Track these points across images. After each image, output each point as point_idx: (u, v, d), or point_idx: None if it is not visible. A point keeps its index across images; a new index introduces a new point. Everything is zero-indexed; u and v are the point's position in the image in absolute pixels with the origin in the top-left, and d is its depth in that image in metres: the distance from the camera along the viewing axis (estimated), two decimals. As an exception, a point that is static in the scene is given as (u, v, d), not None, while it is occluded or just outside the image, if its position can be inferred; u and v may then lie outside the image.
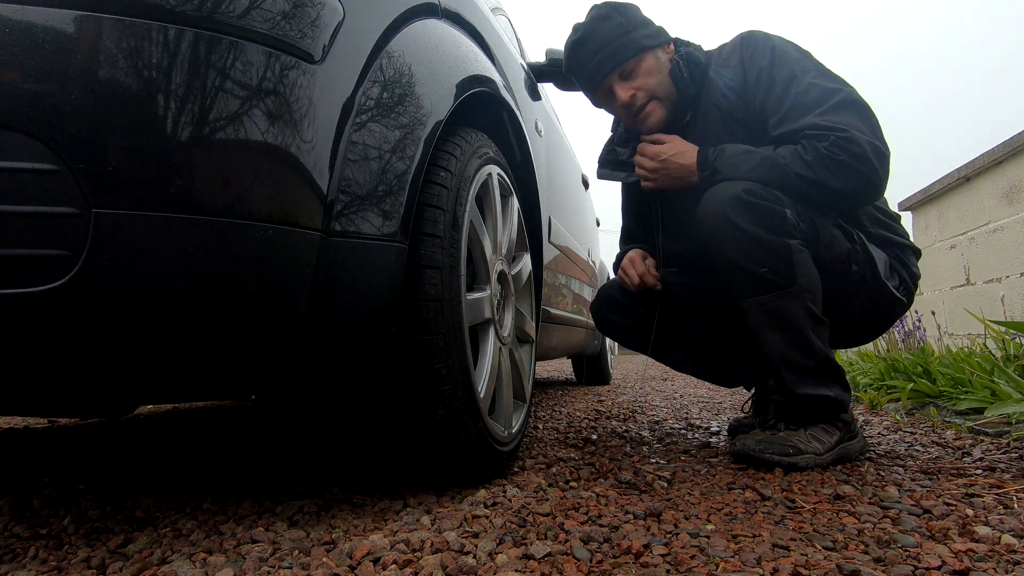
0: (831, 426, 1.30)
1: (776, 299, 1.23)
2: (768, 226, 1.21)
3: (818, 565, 0.68)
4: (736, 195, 1.22)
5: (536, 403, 2.49)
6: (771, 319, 1.25)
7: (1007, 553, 0.71)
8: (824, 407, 1.28)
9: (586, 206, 2.80)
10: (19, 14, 0.55)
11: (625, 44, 1.36)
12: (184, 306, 0.62)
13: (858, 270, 1.31)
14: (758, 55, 1.33)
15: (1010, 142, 2.49)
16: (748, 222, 1.21)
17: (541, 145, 1.70)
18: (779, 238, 1.22)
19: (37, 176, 0.54)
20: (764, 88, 1.31)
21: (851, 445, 1.31)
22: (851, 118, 1.22)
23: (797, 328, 1.23)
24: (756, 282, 1.24)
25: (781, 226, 1.22)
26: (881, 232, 1.41)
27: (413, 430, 0.92)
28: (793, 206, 1.24)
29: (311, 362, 0.75)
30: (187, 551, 0.74)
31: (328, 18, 0.72)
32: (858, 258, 1.31)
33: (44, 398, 0.73)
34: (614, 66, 1.36)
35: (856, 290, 1.33)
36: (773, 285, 1.22)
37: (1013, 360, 1.95)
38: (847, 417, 1.31)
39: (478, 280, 1.08)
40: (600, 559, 0.71)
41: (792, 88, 1.27)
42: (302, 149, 0.68)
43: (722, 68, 1.38)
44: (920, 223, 3.39)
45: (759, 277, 1.23)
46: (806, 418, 1.29)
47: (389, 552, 0.71)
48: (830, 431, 1.30)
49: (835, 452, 1.29)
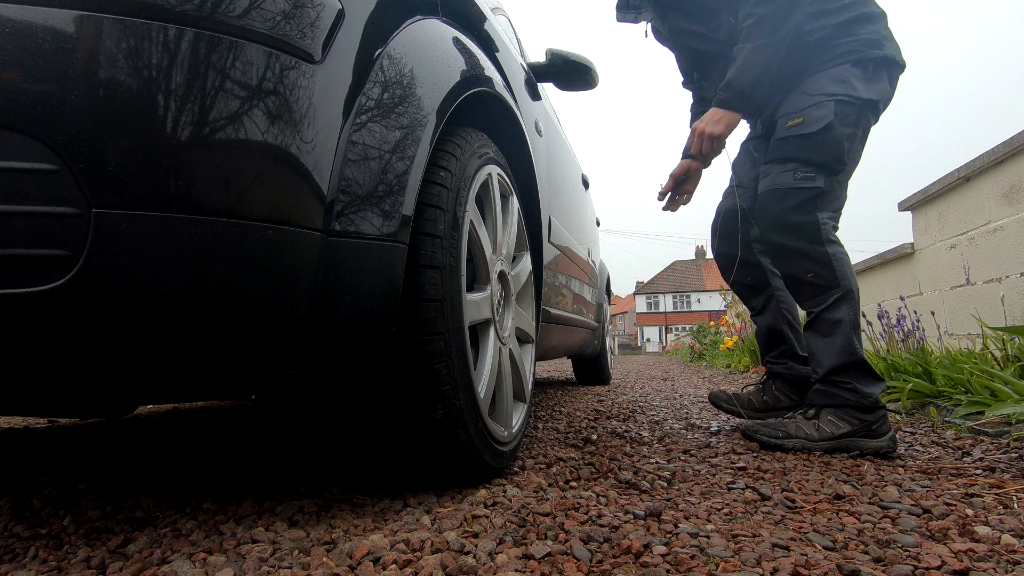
0: (842, 418, 1.34)
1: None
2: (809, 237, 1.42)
3: (818, 565, 0.68)
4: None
5: (536, 403, 2.49)
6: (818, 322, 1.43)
7: (1007, 553, 0.71)
8: (841, 398, 1.37)
9: (586, 206, 2.80)
10: (19, 14, 0.55)
11: None
12: (184, 306, 0.62)
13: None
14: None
15: (1010, 142, 2.49)
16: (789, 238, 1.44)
17: (541, 145, 1.70)
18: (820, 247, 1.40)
19: (37, 176, 0.54)
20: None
21: (863, 442, 1.33)
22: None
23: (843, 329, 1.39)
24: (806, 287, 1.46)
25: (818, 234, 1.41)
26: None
27: (413, 430, 0.92)
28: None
29: (311, 362, 0.75)
30: (187, 551, 0.74)
31: (328, 18, 0.72)
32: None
33: (44, 398, 0.73)
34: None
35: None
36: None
37: (1013, 361, 1.95)
38: (871, 417, 1.34)
39: (478, 280, 1.08)
40: (600, 559, 0.71)
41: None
42: (302, 149, 0.68)
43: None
44: (920, 223, 3.38)
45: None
46: (823, 403, 1.40)
47: (389, 552, 0.71)
48: (838, 423, 1.32)
49: (835, 442, 1.34)
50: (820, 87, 1.43)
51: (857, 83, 1.41)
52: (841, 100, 1.41)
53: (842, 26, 1.44)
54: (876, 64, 1.43)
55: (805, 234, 1.41)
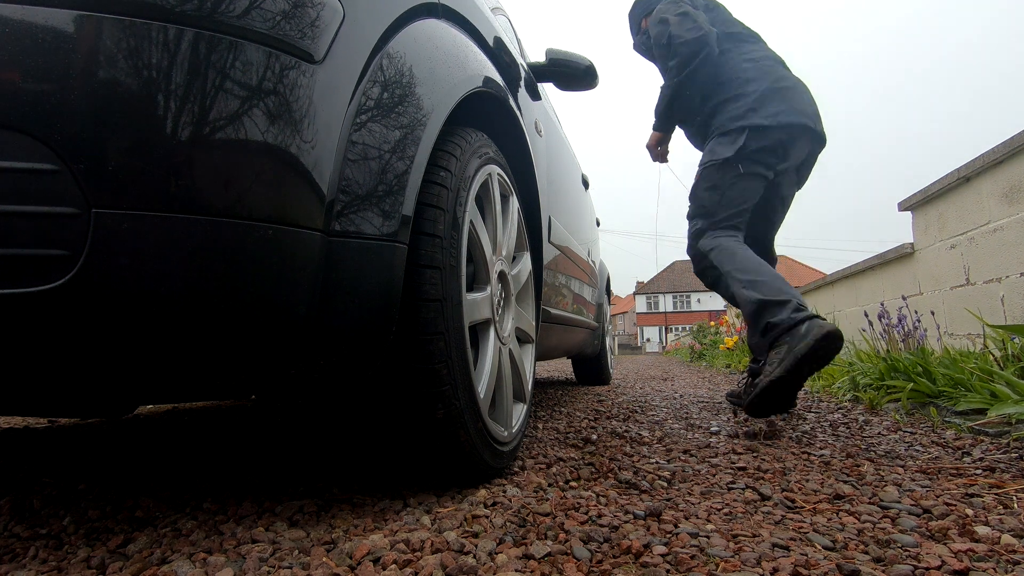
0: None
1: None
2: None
3: (818, 565, 0.68)
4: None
5: (536, 403, 2.49)
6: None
7: (1007, 553, 0.71)
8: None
9: (586, 206, 2.80)
10: (19, 14, 0.55)
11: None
12: (184, 306, 0.62)
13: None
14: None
15: (1010, 142, 2.49)
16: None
17: (541, 145, 1.70)
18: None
19: (37, 176, 0.54)
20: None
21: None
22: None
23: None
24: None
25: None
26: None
27: (413, 430, 0.92)
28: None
29: (311, 362, 0.75)
30: (187, 551, 0.74)
31: (328, 18, 0.72)
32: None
33: (44, 398, 0.73)
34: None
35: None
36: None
37: (1013, 361, 1.95)
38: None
39: (478, 280, 1.08)
40: (600, 559, 0.71)
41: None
42: (302, 149, 0.68)
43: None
44: (920, 223, 3.38)
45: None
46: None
47: (389, 552, 0.71)
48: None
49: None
50: (701, 159, 2.16)
51: (719, 148, 2.05)
52: (707, 165, 2.08)
53: (720, 105, 2.10)
54: (738, 131, 2.02)
55: (696, 265, 2.15)
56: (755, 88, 2.03)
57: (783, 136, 1.99)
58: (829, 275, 5.08)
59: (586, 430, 1.72)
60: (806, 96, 2.07)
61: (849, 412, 2.11)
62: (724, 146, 2.03)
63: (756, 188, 2.04)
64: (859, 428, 1.75)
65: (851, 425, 1.80)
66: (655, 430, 1.74)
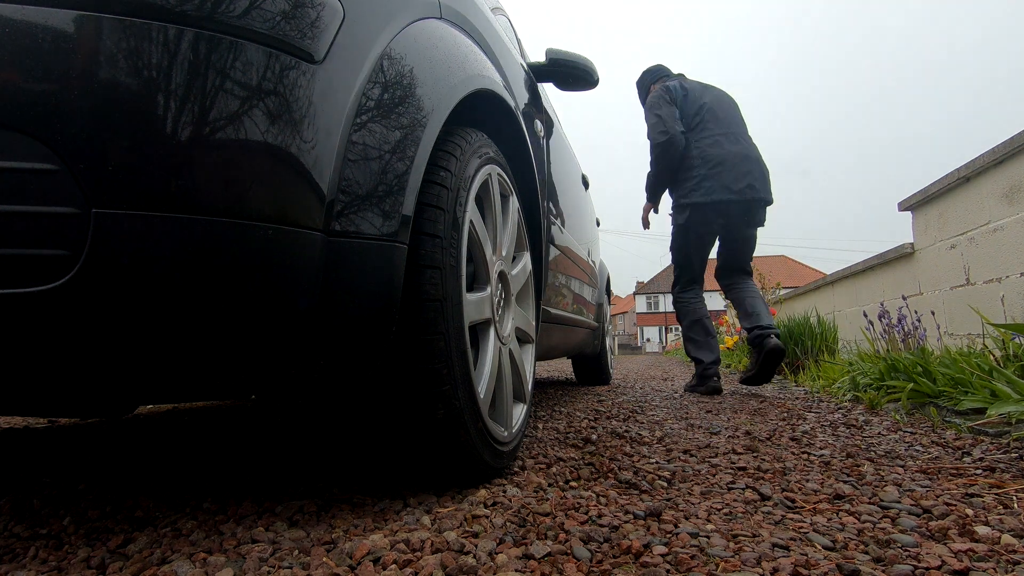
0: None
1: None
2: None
3: (818, 565, 0.68)
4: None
5: (536, 403, 2.49)
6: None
7: (1007, 553, 0.71)
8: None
9: (586, 206, 2.80)
10: (19, 14, 0.55)
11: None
12: (184, 306, 0.62)
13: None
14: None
15: (1010, 142, 2.49)
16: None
17: (541, 145, 1.70)
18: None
19: (37, 176, 0.54)
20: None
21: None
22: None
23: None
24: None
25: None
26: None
27: (413, 430, 0.92)
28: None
29: (311, 362, 0.75)
30: (187, 551, 0.74)
31: (328, 18, 0.72)
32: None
33: (44, 398, 0.73)
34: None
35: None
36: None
37: (1013, 360, 1.95)
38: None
39: (478, 280, 1.08)
40: (600, 559, 0.71)
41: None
42: (302, 149, 0.68)
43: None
44: (920, 223, 3.38)
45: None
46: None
47: (389, 552, 0.71)
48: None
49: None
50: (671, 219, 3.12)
51: (676, 217, 3.03)
52: (673, 227, 3.07)
53: (678, 183, 2.99)
54: (683, 206, 2.96)
55: (675, 304, 3.20)
56: (697, 173, 2.89)
57: (718, 208, 2.86)
58: (829, 275, 5.08)
59: (586, 430, 1.72)
60: (741, 169, 2.82)
61: (849, 412, 2.11)
62: (678, 215, 3.01)
63: (709, 241, 3.00)
64: (859, 428, 1.75)
65: (851, 425, 1.80)
66: (655, 430, 1.74)
